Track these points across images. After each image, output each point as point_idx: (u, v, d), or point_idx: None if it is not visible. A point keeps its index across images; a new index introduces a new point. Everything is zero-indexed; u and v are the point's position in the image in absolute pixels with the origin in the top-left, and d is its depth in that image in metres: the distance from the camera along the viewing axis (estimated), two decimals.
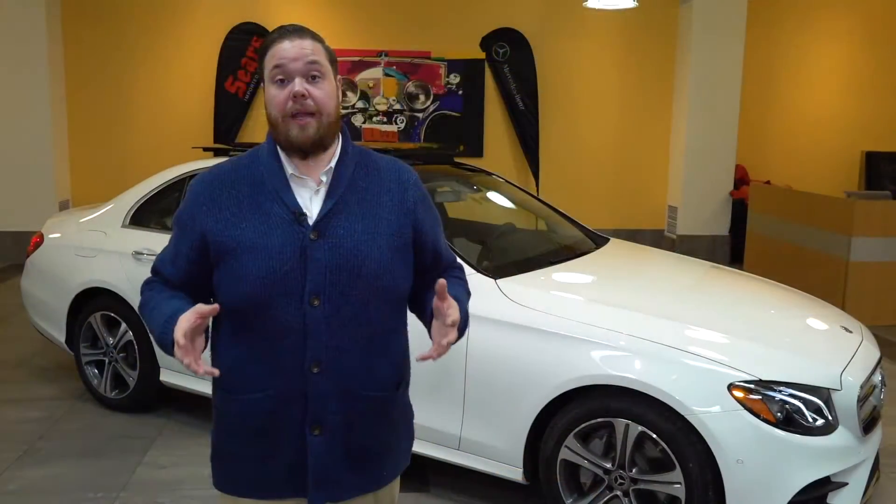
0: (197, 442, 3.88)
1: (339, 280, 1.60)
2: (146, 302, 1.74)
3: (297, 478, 1.67)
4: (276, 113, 1.62)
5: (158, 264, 1.76)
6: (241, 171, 1.68)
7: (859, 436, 2.78)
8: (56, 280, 4.37)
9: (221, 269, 1.64)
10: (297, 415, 1.64)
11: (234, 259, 1.60)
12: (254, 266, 1.58)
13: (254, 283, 1.58)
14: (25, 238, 7.79)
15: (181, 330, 1.49)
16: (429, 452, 3.20)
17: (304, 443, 1.65)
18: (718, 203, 8.71)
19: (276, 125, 1.63)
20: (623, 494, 2.83)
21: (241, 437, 1.69)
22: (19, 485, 3.43)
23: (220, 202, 1.64)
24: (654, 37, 9.01)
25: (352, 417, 1.67)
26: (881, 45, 9.58)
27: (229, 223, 1.62)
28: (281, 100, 1.60)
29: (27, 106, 7.86)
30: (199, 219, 1.65)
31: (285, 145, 1.64)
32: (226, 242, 1.61)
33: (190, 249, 1.68)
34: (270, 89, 1.62)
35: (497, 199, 4.37)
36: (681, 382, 2.68)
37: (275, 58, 1.60)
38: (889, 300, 6.28)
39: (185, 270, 1.71)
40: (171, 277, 1.73)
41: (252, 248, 1.59)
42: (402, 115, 8.86)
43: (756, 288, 3.69)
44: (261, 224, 1.61)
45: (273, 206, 1.62)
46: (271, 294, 1.59)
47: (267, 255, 1.59)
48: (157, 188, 4.23)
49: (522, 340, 2.95)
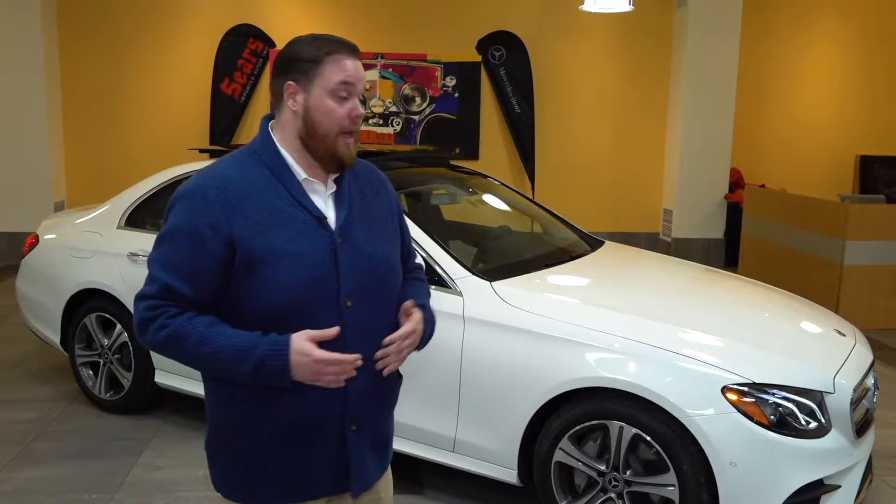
0: (192, 444, 3.88)
1: (364, 280, 1.67)
2: (183, 336, 1.56)
3: (335, 474, 1.72)
4: (330, 127, 1.64)
5: (171, 282, 1.58)
6: (249, 176, 1.64)
7: (852, 439, 2.80)
8: (51, 281, 4.37)
9: (252, 279, 1.59)
10: (338, 413, 1.67)
11: (267, 267, 1.58)
12: (292, 273, 1.59)
13: (294, 290, 1.59)
14: (20, 239, 7.78)
15: (320, 352, 1.54)
16: (423, 454, 3.21)
17: (345, 439, 1.69)
18: (713, 206, 8.73)
19: (323, 138, 1.64)
20: (617, 497, 2.84)
21: (276, 445, 1.67)
22: (14, 486, 3.42)
23: (238, 208, 1.59)
24: (649, 40, 9.03)
25: (378, 409, 1.76)
26: (875, 49, 9.63)
27: (255, 230, 1.59)
28: (341, 115, 1.63)
29: (23, 107, 7.84)
30: (223, 227, 1.57)
31: (327, 159, 1.66)
32: (255, 251, 1.58)
33: (216, 262, 1.58)
34: (328, 102, 1.63)
35: (492, 201, 4.38)
36: (675, 385, 2.70)
37: (345, 73, 1.62)
38: (883, 304, 6.30)
39: (210, 286, 1.60)
40: (191, 295, 1.59)
41: (286, 256, 1.59)
42: (398, 118, 8.87)
43: (750, 291, 3.71)
44: (288, 230, 1.61)
45: (295, 211, 1.63)
46: (311, 299, 1.61)
47: (302, 262, 1.60)
48: (152, 189, 4.23)
49: (517, 343, 2.96)
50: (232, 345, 1.55)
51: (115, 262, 4.09)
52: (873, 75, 9.67)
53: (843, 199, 6.59)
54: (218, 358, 1.56)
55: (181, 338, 1.57)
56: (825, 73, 9.61)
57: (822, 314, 3.52)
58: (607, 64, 9.09)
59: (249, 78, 8.63)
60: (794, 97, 9.61)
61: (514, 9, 8.87)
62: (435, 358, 3.08)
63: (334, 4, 8.69)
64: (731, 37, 8.47)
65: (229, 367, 1.57)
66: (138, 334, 1.62)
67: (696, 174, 8.66)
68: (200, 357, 1.58)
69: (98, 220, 4.34)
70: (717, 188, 8.71)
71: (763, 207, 7.50)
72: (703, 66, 8.48)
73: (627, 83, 9.13)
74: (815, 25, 9.51)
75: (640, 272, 3.85)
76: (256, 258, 1.58)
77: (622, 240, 8.46)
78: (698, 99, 8.53)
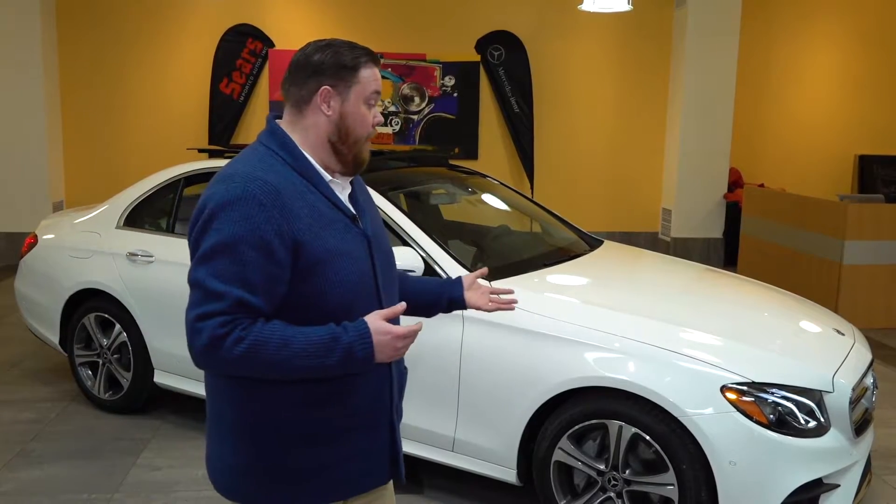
0: (191, 444, 3.88)
1: (388, 275, 1.80)
2: (264, 341, 1.52)
3: (391, 462, 1.79)
4: (362, 133, 1.71)
5: (243, 296, 1.52)
6: (286, 178, 1.62)
7: (851, 438, 2.80)
8: (50, 281, 4.36)
9: (313, 280, 1.60)
10: (388, 403, 1.75)
11: (328, 267, 1.61)
12: (349, 271, 1.64)
13: (351, 287, 1.64)
14: (19, 239, 7.78)
15: (399, 328, 1.60)
16: (423, 454, 3.21)
17: (394, 427, 1.78)
18: (712, 206, 8.74)
19: (354, 143, 1.70)
20: (616, 496, 2.84)
21: (343, 443, 1.69)
22: (12, 486, 3.42)
23: (294, 211, 1.59)
24: (648, 40, 9.03)
25: (402, 397, 1.87)
26: (875, 49, 9.63)
27: (313, 232, 1.61)
28: (371, 121, 1.72)
29: (21, 107, 7.84)
30: (286, 232, 1.56)
31: (351, 163, 1.72)
32: (316, 252, 1.60)
33: (285, 269, 1.57)
34: (362, 108, 1.69)
35: (491, 201, 4.38)
36: (674, 384, 2.70)
37: (377, 82, 1.71)
38: (881, 303, 6.31)
39: (280, 293, 1.58)
40: (264, 307, 1.56)
41: (341, 254, 1.64)
42: (397, 118, 8.87)
43: (749, 290, 3.71)
44: (335, 229, 1.66)
45: (332, 211, 1.68)
46: (362, 295, 1.67)
47: (353, 259, 1.66)
48: (151, 189, 4.22)
49: (516, 342, 2.96)
50: (314, 341, 1.54)
51: (114, 262, 4.09)
52: (872, 75, 9.67)
53: (842, 198, 6.59)
54: (303, 356, 1.54)
55: (262, 345, 1.52)
56: (824, 73, 9.61)
57: (821, 313, 3.52)
58: (606, 63, 9.09)
59: (248, 78, 8.62)
60: (793, 97, 9.61)
61: (512, 8, 8.87)
62: (434, 357, 3.08)
63: (334, 4, 8.69)
64: (731, 36, 8.47)
65: (315, 363, 1.54)
66: (205, 356, 1.53)
67: (696, 174, 8.66)
68: (283, 360, 1.53)
69: (97, 220, 4.34)
70: (716, 188, 8.71)
71: (762, 207, 7.51)
72: (703, 65, 8.49)
73: (626, 83, 9.13)
74: (815, 25, 9.51)
75: (640, 272, 3.85)
76: (319, 259, 1.60)
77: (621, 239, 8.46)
78: (697, 98, 8.54)
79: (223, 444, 1.70)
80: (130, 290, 3.99)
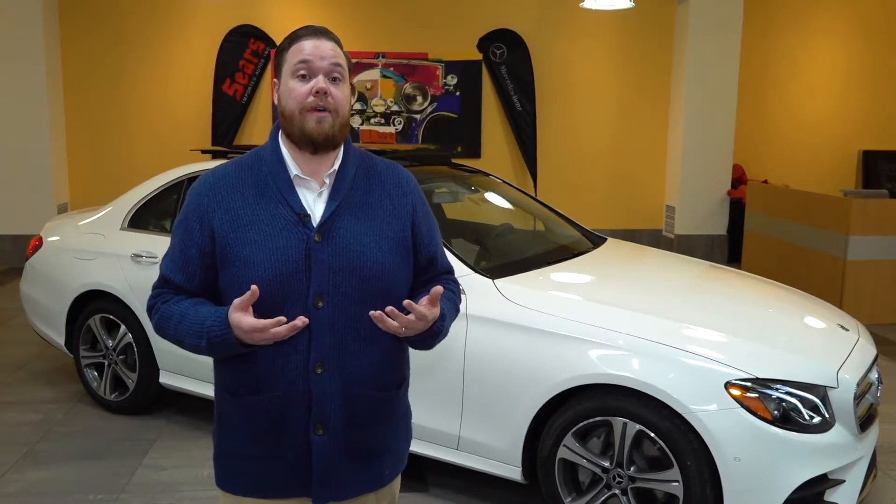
0: (196, 444, 3.89)
1: (342, 282, 1.62)
2: (168, 316, 1.67)
3: (301, 477, 1.68)
4: (293, 105, 1.64)
5: (167, 272, 1.71)
6: (245, 173, 1.69)
7: (856, 433, 2.80)
8: (55, 283, 4.38)
9: (227, 273, 1.64)
10: (301, 415, 1.65)
11: (240, 262, 1.61)
12: (260, 269, 1.60)
13: (260, 285, 1.57)
14: (24, 241, 7.81)
15: (246, 320, 1.54)
16: (428, 452, 3.21)
17: (309, 443, 1.66)
18: (716, 202, 8.73)
19: (291, 118, 1.65)
20: (621, 493, 2.84)
21: (246, 438, 1.69)
22: (19, 487, 3.43)
23: (225, 203, 1.65)
24: (650, 36, 9.02)
25: (355, 417, 1.68)
26: (878, 44, 9.61)
27: (235, 224, 1.63)
28: (302, 93, 1.63)
29: (25, 109, 7.86)
30: (207, 219, 1.65)
31: (298, 138, 1.65)
32: (231, 245, 1.62)
33: (200, 253, 1.67)
34: (290, 82, 1.64)
35: (495, 199, 4.38)
36: (678, 381, 2.70)
37: (302, 53, 1.64)
38: (886, 298, 6.30)
39: (198, 276, 1.69)
40: (185, 285, 1.69)
41: (257, 252, 1.61)
42: (399, 117, 8.87)
43: (753, 287, 3.70)
44: (266, 226, 1.63)
45: (278, 207, 1.64)
46: (277, 296, 1.60)
47: (272, 258, 1.60)
48: (155, 191, 4.23)
49: (520, 340, 2.96)
50: (193, 321, 1.63)
51: (118, 264, 4.10)
52: (876, 70, 9.64)
53: (846, 194, 6.58)
54: (188, 334, 1.64)
55: (166, 319, 1.68)
56: (827, 68, 9.59)
57: (825, 309, 3.52)
58: (608, 61, 9.08)
59: (251, 79, 8.63)
60: (796, 92, 9.59)
61: (514, 6, 8.86)
62: (438, 356, 3.08)
63: (335, 4, 8.69)
64: (733, 32, 8.46)
65: (194, 342, 1.63)
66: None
67: (699, 170, 8.65)
68: (179, 336, 1.66)
69: (101, 222, 4.35)
70: (719, 184, 8.70)
71: (766, 203, 7.50)
72: (705, 61, 8.48)
73: (629, 80, 9.12)
74: (817, 20, 9.49)
75: (643, 269, 3.85)
76: (232, 252, 1.63)
77: (625, 237, 8.46)
78: (700, 95, 8.53)
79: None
80: (135, 291, 4.01)
